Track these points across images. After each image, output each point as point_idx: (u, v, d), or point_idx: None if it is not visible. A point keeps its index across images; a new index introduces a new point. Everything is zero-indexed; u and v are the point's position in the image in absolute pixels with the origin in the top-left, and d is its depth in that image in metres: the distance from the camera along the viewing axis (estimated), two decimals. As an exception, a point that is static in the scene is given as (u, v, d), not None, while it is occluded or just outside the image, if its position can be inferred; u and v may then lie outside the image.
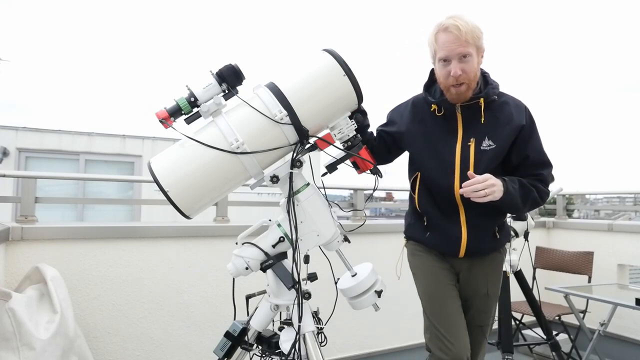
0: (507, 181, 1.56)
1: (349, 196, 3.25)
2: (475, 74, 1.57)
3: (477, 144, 1.62)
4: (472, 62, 1.55)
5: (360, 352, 2.88)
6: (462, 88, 1.56)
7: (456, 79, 1.54)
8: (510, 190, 1.55)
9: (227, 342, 1.40)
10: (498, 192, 1.50)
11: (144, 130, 10.68)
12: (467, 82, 1.56)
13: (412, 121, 1.71)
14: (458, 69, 1.53)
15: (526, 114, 1.67)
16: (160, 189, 1.29)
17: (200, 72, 1.69)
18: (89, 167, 7.34)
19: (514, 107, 1.66)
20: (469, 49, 1.53)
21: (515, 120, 1.63)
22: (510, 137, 1.62)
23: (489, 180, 1.49)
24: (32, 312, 1.68)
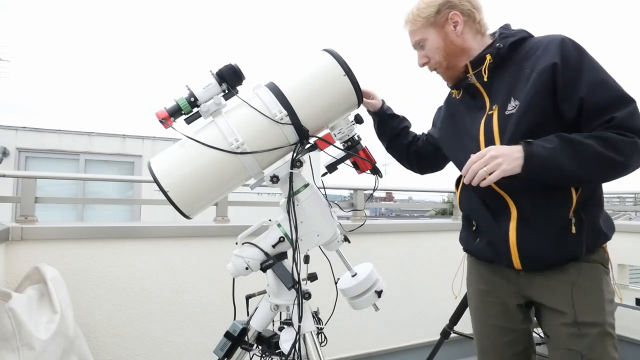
0: (535, 142, 1.17)
1: (349, 196, 3.25)
2: (443, 53, 1.39)
3: (500, 109, 1.31)
4: (431, 44, 1.40)
5: (360, 352, 2.87)
6: (439, 72, 1.44)
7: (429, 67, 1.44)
8: (537, 152, 1.15)
9: (227, 342, 1.40)
10: (510, 162, 1.15)
11: (144, 130, 10.71)
12: (437, 65, 1.41)
13: (445, 117, 1.57)
14: (419, 59, 1.44)
15: (561, 48, 1.23)
16: (160, 189, 1.29)
17: (200, 72, 1.69)
18: (89, 167, 7.35)
19: (545, 46, 1.27)
20: (418, 36, 1.41)
21: (542, 61, 1.24)
22: (538, 86, 1.23)
23: (489, 152, 1.17)
24: (32, 312, 1.68)
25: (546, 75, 1.22)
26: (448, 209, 12.77)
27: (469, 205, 1.43)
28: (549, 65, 1.21)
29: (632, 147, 1.14)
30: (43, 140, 7.32)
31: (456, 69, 1.40)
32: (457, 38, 1.38)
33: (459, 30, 1.37)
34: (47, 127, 7.93)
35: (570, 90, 1.20)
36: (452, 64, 1.40)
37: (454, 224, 3.48)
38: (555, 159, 1.15)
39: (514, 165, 1.16)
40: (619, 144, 1.14)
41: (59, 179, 6.55)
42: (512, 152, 1.17)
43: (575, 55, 1.22)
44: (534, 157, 1.15)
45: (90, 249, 2.20)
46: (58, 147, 7.32)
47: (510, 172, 1.16)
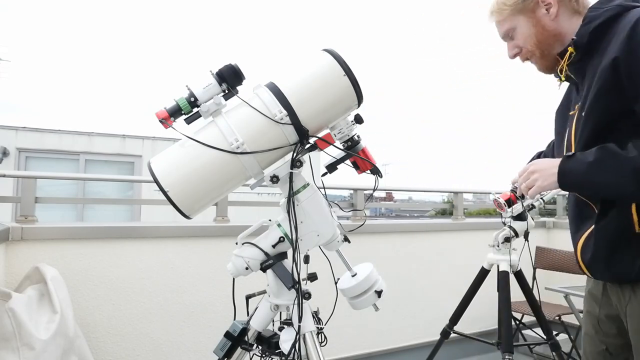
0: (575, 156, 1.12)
1: (349, 196, 3.25)
2: (535, 41, 1.26)
3: (580, 109, 1.19)
4: (521, 33, 1.28)
5: (360, 352, 2.88)
6: (531, 61, 1.32)
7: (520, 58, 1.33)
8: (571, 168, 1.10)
9: (227, 342, 1.40)
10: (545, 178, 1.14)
11: (144, 130, 10.70)
12: (529, 54, 1.30)
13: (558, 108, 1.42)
14: (509, 50, 1.34)
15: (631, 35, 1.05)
16: (160, 189, 1.29)
17: (200, 72, 1.69)
18: (89, 167, 7.34)
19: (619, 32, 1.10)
20: (506, 26, 1.31)
21: (609, 52, 1.09)
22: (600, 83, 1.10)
23: (530, 167, 1.18)
24: (32, 312, 1.68)
25: (607, 73, 1.09)
26: (448, 209, 12.76)
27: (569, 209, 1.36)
28: (609, 62, 1.08)
29: None
30: (43, 140, 7.32)
31: (551, 57, 1.27)
32: (550, 22, 1.24)
33: (552, 13, 1.23)
34: (47, 127, 7.93)
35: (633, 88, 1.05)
36: (545, 52, 1.26)
37: (454, 224, 3.48)
38: (589, 175, 1.09)
39: (549, 181, 1.14)
40: None
41: (59, 179, 6.55)
42: (551, 168, 1.14)
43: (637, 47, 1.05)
44: (568, 174, 1.12)
45: (90, 249, 2.20)
46: (58, 147, 7.32)
47: (547, 188, 1.16)
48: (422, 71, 77.30)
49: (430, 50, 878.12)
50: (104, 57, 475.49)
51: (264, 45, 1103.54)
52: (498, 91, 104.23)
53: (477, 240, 3.04)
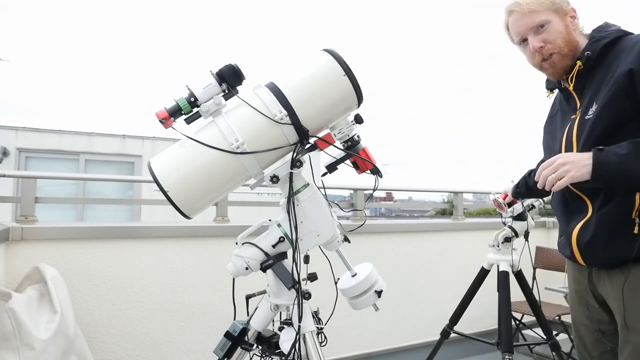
0: (607, 149, 1.18)
1: (349, 196, 3.25)
2: (565, 39, 1.35)
3: (582, 114, 1.32)
4: (554, 28, 1.35)
5: (360, 352, 2.88)
6: (553, 59, 1.37)
7: (541, 53, 1.37)
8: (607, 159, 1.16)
9: (227, 342, 1.40)
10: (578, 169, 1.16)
11: (144, 130, 10.70)
12: (557, 50, 1.35)
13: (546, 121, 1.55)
14: (536, 42, 1.36)
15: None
16: (160, 189, 1.29)
17: (200, 72, 1.69)
18: (89, 167, 7.34)
19: (629, 49, 1.25)
20: (542, 17, 1.35)
21: (622, 64, 1.24)
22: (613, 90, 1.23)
23: (559, 159, 1.20)
24: (32, 312, 1.68)
25: (622, 80, 1.22)
26: (448, 209, 12.73)
27: (555, 206, 1.47)
28: (625, 72, 1.21)
29: None
30: (43, 140, 7.32)
31: (569, 59, 1.37)
32: (573, 31, 1.37)
33: (575, 25, 1.38)
34: (47, 127, 7.93)
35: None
36: (569, 53, 1.36)
37: (454, 224, 3.48)
38: (625, 165, 1.15)
39: (582, 172, 1.17)
40: None
41: (59, 179, 6.55)
42: (582, 159, 1.18)
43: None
44: (603, 165, 1.16)
45: (90, 249, 2.20)
46: (58, 147, 7.32)
47: (578, 179, 1.18)
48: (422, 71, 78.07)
49: (430, 50, 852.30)
50: (104, 57, 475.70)
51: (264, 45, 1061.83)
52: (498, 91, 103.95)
53: (477, 240, 3.04)
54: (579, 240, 1.32)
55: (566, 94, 1.42)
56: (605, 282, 1.31)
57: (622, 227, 1.24)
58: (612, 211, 1.25)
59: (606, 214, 1.25)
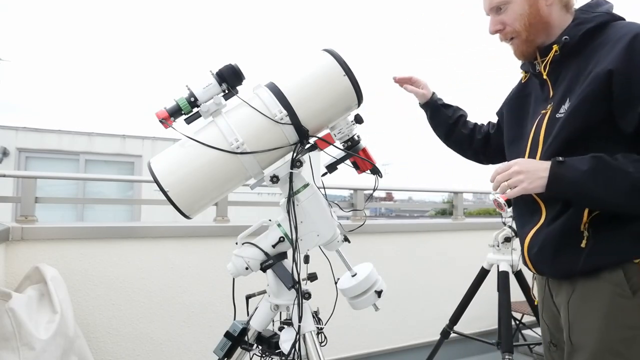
0: (568, 162, 1.07)
1: (349, 196, 3.25)
2: (524, 23, 1.22)
3: (553, 110, 1.19)
4: (513, 10, 1.22)
5: (360, 352, 2.88)
6: (514, 43, 1.26)
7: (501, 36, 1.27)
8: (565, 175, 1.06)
9: (227, 342, 1.40)
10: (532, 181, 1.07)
11: (144, 130, 10.70)
12: (515, 34, 1.24)
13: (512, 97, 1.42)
14: (493, 25, 1.27)
15: (628, 50, 1.05)
16: (160, 189, 1.29)
17: (200, 72, 1.69)
18: (89, 167, 7.35)
19: (612, 43, 1.10)
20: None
21: (603, 62, 1.08)
22: (588, 90, 1.09)
23: (515, 166, 1.10)
24: (32, 312, 1.68)
25: (599, 81, 1.08)
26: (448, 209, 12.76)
27: (515, 207, 1.38)
28: (605, 72, 1.07)
29: None
30: (43, 140, 7.32)
31: (532, 45, 1.24)
32: (545, 8, 1.21)
33: (552, 1, 1.21)
34: (47, 127, 7.93)
35: (627, 103, 1.05)
36: (530, 38, 1.23)
37: (454, 224, 3.49)
38: (581, 186, 1.05)
39: (536, 185, 1.08)
40: None
41: (59, 179, 6.55)
42: (539, 170, 1.08)
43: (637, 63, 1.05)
44: (559, 180, 1.06)
45: (90, 249, 2.20)
46: (58, 147, 7.32)
47: (531, 191, 1.10)
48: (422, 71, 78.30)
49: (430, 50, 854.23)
50: (104, 57, 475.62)
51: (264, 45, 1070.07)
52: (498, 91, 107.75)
53: (477, 240, 3.04)
54: (530, 248, 1.22)
55: (540, 80, 1.28)
56: (558, 292, 1.23)
57: (570, 239, 1.13)
58: (563, 222, 1.14)
59: (557, 225, 1.15)
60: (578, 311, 1.14)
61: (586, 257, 1.10)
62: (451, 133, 1.63)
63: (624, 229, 1.09)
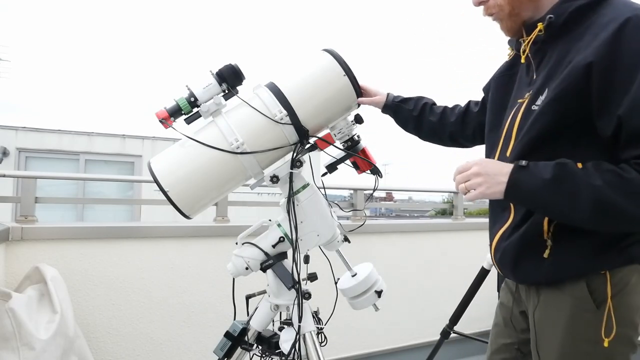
0: (530, 168, 0.97)
1: (349, 196, 3.25)
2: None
3: (530, 100, 1.07)
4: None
5: (360, 352, 2.87)
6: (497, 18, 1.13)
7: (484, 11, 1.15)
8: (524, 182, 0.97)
9: (227, 342, 1.40)
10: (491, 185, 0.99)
11: (144, 130, 10.72)
12: (499, 8, 1.10)
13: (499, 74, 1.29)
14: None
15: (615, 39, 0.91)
16: (160, 189, 1.29)
17: (200, 72, 1.69)
18: (89, 167, 7.35)
19: (599, 27, 0.96)
20: None
21: (583, 53, 0.95)
22: (564, 84, 0.97)
23: (474, 167, 1.01)
24: (32, 312, 1.68)
25: (577, 73, 0.95)
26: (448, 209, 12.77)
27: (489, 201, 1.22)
28: (583, 66, 0.94)
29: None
30: (43, 140, 7.33)
31: (518, 20, 1.10)
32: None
33: None
34: (47, 127, 7.93)
35: (606, 103, 0.93)
36: (515, 12, 1.09)
37: (454, 224, 3.48)
38: (539, 197, 0.97)
39: (494, 190, 0.99)
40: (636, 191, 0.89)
41: (59, 179, 6.55)
42: (499, 174, 0.99)
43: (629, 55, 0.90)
44: (518, 188, 0.98)
45: (90, 249, 2.20)
46: (58, 147, 7.32)
47: (489, 197, 1.01)
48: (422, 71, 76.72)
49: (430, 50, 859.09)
50: (103, 57, 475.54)
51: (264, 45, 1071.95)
52: None
53: (477, 240, 3.04)
54: (496, 250, 1.15)
55: (526, 62, 1.14)
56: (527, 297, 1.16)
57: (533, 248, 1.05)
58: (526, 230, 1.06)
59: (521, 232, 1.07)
60: (543, 322, 1.09)
61: (549, 267, 1.03)
62: (421, 125, 1.52)
63: (588, 239, 1.00)
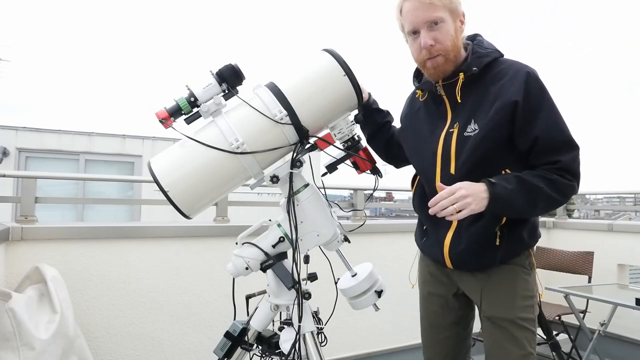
0: (498, 183, 1.24)
1: (349, 196, 3.25)
2: (453, 43, 1.34)
3: (460, 129, 1.35)
4: (446, 29, 1.33)
5: (360, 352, 2.88)
6: (438, 60, 1.34)
7: (429, 51, 1.33)
8: (500, 194, 1.23)
9: (227, 342, 1.40)
10: (477, 202, 1.21)
11: (144, 130, 10.71)
12: (444, 52, 1.33)
13: (407, 114, 1.57)
14: (428, 39, 1.32)
15: (527, 83, 1.29)
16: (160, 189, 1.29)
17: (200, 72, 1.69)
18: (89, 167, 7.34)
19: (510, 77, 1.32)
20: (439, 14, 1.31)
21: (506, 94, 1.29)
22: (498, 118, 1.29)
23: (459, 191, 1.21)
24: (32, 312, 1.68)
25: (507, 110, 1.28)
26: (448, 209, 12.72)
27: (420, 208, 1.51)
28: (510, 102, 1.28)
29: (570, 189, 1.29)
30: (43, 140, 7.32)
31: (451, 65, 1.37)
32: (460, 36, 1.37)
33: (462, 30, 1.38)
34: (47, 127, 7.93)
35: (527, 128, 1.28)
36: (452, 58, 1.36)
37: (454, 224, 3.48)
38: (513, 203, 1.25)
39: (481, 205, 1.23)
40: (562, 187, 1.27)
41: (59, 179, 6.55)
42: (480, 191, 1.23)
43: (536, 94, 1.29)
44: (498, 199, 1.23)
45: (90, 249, 2.20)
46: (58, 147, 7.32)
47: (476, 211, 1.23)
48: (422, 71, 78.90)
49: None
50: (104, 57, 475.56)
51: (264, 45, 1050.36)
52: None
53: (477, 240, 3.02)
54: (451, 250, 1.40)
55: (438, 100, 1.43)
56: (469, 282, 1.44)
57: (489, 240, 1.34)
58: (483, 226, 1.33)
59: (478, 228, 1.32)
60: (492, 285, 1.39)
61: (502, 251, 1.35)
62: (375, 136, 1.71)
63: (523, 227, 1.37)
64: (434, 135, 1.42)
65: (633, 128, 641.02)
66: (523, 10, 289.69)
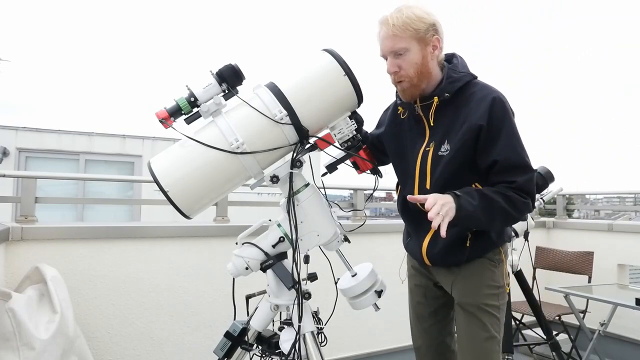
0: (462, 195, 1.35)
1: (349, 196, 3.25)
2: (417, 71, 1.42)
3: (435, 148, 1.47)
4: (410, 58, 1.40)
5: (360, 352, 2.88)
6: (403, 85, 1.45)
7: (394, 76, 1.45)
8: (465, 206, 1.34)
9: (227, 342, 1.40)
10: (452, 210, 1.32)
11: (144, 130, 10.71)
12: (407, 79, 1.43)
13: (392, 123, 1.63)
14: (391, 66, 1.43)
15: (491, 109, 1.40)
16: (160, 189, 1.29)
17: (200, 72, 1.69)
18: (89, 167, 7.34)
19: (477, 101, 1.43)
20: (402, 44, 1.39)
21: (472, 118, 1.40)
22: (465, 139, 1.41)
23: (439, 200, 1.31)
24: (32, 312, 1.68)
25: (473, 133, 1.40)
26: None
27: (403, 211, 1.62)
28: (476, 126, 1.40)
29: (525, 206, 1.42)
30: (43, 140, 7.31)
31: (418, 89, 1.46)
32: (430, 61, 1.44)
33: (435, 55, 1.45)
34: (47, 127, 7.92)
35: (488, 150, 1.41)
36: (418, 83, 1.44)
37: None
38: (474, 215, 1.35)
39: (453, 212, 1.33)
40: (518, 204, 1.40)
41: (59, 179, 6.55)
42: (450, 202, 1.33)
43: (499, 120, 1.40)
44: (463, 211, 1.33)
45: (91, 249, 2.20)
46: (58, 147, 7.31)
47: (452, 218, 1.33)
48: (422, 71, 78.59)
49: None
50: (104, 57, 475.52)
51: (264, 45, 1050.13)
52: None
53: (477, 240, 3.02)
54: (429, 251, 1.53)
55: (419, 119, 1.52)
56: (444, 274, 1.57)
57: (461, 242, 1.48)
58: (457, 232, 1.43)
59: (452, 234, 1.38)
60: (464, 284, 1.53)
61: (470, 251, 1.49)
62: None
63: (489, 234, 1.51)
64: (414, 151, 1.53)
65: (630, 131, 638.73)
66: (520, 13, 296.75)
